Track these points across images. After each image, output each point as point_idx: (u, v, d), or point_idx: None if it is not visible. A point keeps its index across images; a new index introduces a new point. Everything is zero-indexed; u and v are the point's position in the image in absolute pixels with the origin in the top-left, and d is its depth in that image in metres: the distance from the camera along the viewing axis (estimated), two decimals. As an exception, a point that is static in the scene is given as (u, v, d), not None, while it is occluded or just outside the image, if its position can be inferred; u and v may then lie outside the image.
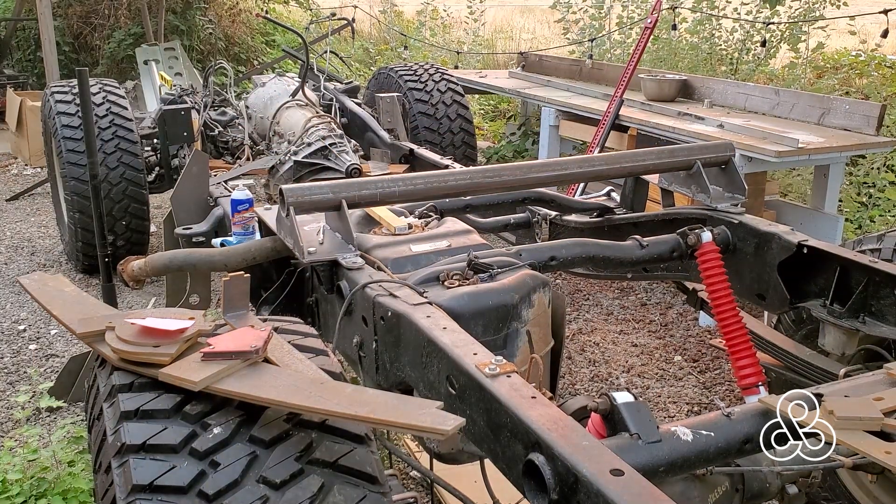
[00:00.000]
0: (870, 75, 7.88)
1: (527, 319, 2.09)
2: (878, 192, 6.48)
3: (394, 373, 2.03)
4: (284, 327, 1.79)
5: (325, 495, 1.32)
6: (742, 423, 1.63)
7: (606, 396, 1.63)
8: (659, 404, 3.92)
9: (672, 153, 2.84)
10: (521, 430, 1.46)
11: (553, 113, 6.24)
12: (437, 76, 5.93)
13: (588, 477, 1.29)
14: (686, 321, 4.83)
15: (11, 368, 4.20)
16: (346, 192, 2.35)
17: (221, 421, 1.42)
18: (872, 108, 4.76)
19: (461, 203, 3.07)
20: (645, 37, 5.91)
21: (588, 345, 4.53)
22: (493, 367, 1.60)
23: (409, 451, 3.27)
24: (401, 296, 2.00)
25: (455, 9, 12.70)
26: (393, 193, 2.45)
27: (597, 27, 9.28)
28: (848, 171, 6.45)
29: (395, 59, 10.92)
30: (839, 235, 4.78)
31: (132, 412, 1.45)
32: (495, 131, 9.37)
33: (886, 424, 1.55)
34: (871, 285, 2.33)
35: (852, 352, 2.48)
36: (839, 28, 8.66)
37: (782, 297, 2.56)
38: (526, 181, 2.67)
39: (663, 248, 2.66)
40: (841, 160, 4.83)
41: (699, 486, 1.81)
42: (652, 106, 5.66)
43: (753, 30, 8.25)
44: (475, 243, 2.43)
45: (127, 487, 1.32)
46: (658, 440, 1.54)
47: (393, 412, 1.36)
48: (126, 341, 1.58)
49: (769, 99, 5.41)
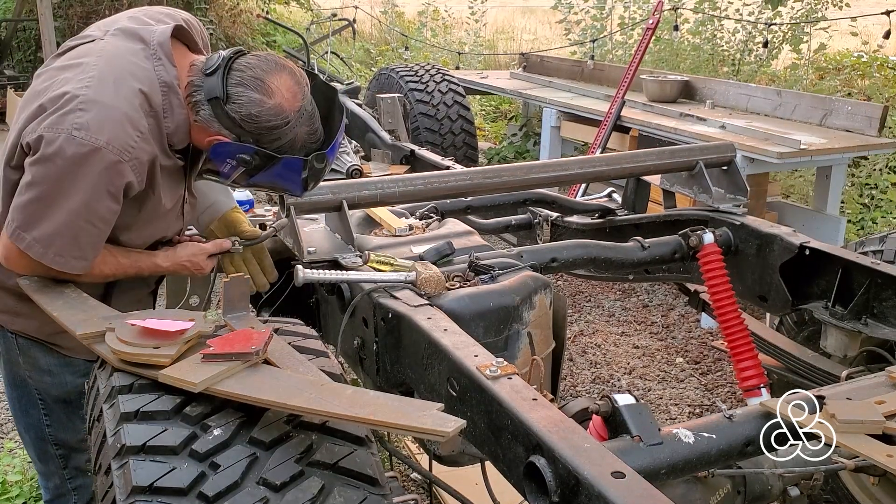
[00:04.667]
0: (872, 76, 7.88)
1: (528, 321, 2.08)
2: (880, 193, 6.47)
3: (394, 374, 2.03)
4: (285, 329, 1.79)
5: (325, 497, 1.32)
6: (744, 425, 1.63)
7: (608, 398, 1.62)
8: (660, 406, 3.92)
9: (673, 154, 2.84)
10: (522, 432, 1.46)
11: (554, 114, 6.24)
12: (439, 77, 5.93)
13: (589, 479, 1.29)
14: (688, 323, 4.83)
15: (12, 369, 4.20)
16: (346, 193, 2.35)
17: (221, 422, 1.42)
18: (874, 110, 4.76)
19: (462, 204, 3.07)
20: (646, 38, 5.91)
21: (589, 346, 4.53)
22: (494, 369, 1.60)
23: (410, 453, 3.27)
24: (401, 297, 2.00)
25: (456, 9, 12.70)
26: (393, 194, 2.44)
27: (598, 28, 9.28)
28: (850, 172, 6.44)
29: (396, 59, 10.92)
30: (841, 237, 4.77)
31: (132, 413, 1.45)
32: (496, 132, 9.37)
33: (888, 428, 1.55)
34: (873, 287, 2.32)
35: (854, 354, 2.47)
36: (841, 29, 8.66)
37: (784, 299, 2.55)
38: (527, 182, 2.67)
39: (665, 250, 2.66)
40: (843, 161, 4.83)
41: (701, 488, 1.81)
42: (653, 107, 5.66)
43: (755, 31, 8.24)
44: (476, 244, 2.43)
45: (127, 489, 1.32)
46: (659, 442, 1.54)
47: (393, 414, 1.35)
48: (126, 342, 1.58)
49: (771, 100, 5.41)
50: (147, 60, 1.89)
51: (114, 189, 1.80)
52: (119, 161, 1.77)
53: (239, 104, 1.85)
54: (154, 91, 1.86)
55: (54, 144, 1.74)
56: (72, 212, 1.78)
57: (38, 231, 1.79)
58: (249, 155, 1.89)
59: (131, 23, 1.98)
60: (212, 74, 1.87)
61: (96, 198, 1.78)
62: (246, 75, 1.86)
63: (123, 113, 1.79)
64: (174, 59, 1.91)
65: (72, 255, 1.82)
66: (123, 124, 1.78)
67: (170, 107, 1.89)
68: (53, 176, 1.76)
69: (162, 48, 1.90)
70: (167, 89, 1.89)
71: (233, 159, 1.91)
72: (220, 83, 1.85)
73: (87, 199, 1.77)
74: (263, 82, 1.87)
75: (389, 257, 2.15)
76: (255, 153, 1.89)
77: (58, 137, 1.74)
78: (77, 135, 1.73)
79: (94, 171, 1.76)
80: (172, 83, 1.89)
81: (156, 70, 1.88)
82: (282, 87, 1.88)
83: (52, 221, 1.78)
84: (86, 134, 1.74)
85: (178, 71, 1.91)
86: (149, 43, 1.91)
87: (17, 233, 1.80)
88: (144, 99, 1.84)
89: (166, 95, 1.89)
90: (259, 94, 1.86)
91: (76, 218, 1.78)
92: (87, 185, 1.76)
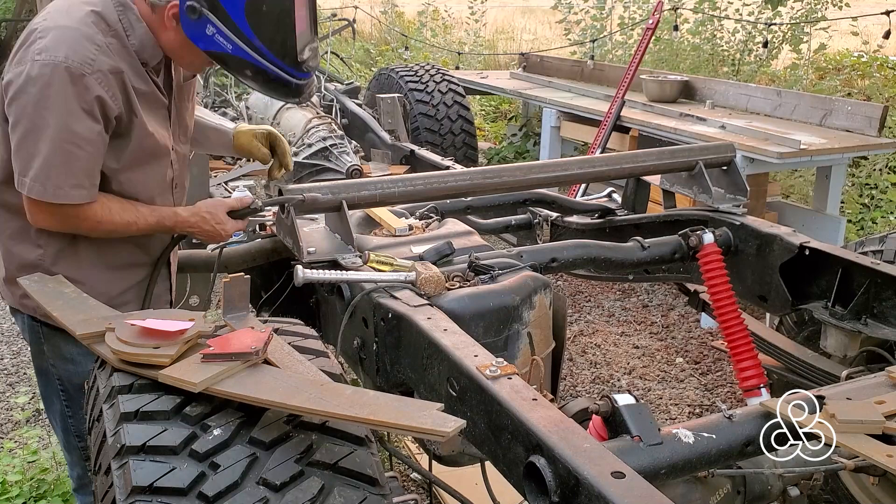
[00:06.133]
0: (872, 76, 7.88)
1: (528, 321, 2.08)
2: (880, 193, 6.48)
3: (394, 374, 2.03)
4: (284, 328, 1.79)
5: (325, 497, 1.32)
6: (743, 425, 1.63)
7: (608, 398, 1.62)
8: (660, 406, 3.92)
9: (673, 154, 2.84)
10: (521, 432, 1.46)
11: (554, 114, 6.24)
12: (439, 77, 5.93)
13: (589, 479, 1.29)
14: (688, 323, 4.83)
15: (11, 369, 4.21)
16: (346, 193, 2.35)
17: (221, 422, 1.42)
18: (874, 110, 4.76)
19: (462, 204, 3.07)
20: (646, 38, 5.91)
21: (589, 346, 4.53)
22: (493, 369, 1.60)
23: (410, 453, 3.27)
24: (401, 297, 2.00)
25: (456, 9, 12.70)
26: (393, 194, 2.44)
27: (598, 28, 9.28)
28: (850, 172, 6.45)
29: (395, 59, 10.92)
30: (841, 237, 4.77)
31: (132, 413, 1.45)
32: (496, 132, 9.37)
33: (888, 428, 1.55)
34: (873, 287, 2.32)
35: (854, 354, 2.47)
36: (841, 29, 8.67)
37: (784, 299, 2.55)
38: (527, 182, 2.67)
39: (665, 250, 2.66)
40: (843, 161, 4.83)
41: (701, 488, 1.81)
42: (653, 107, 5.66)
43: (755, 31, 8.25)
44: (476, 244, 2.43)
45: (127, 489, 1.31)
46: (659, 442, 1.54)
47: (393, 414, 1.35)
48: (126, 342, 1.58)
49: (771, 100, 5.41)
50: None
51: (86, 105, 1.89)
52: (81, 74, 1.87)
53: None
54: (108, 10, 1.97)
55: (22, 74, 1.87)
56: (54, 138, 1.88)
57: (33, 170, 1.90)
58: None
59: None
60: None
61: (72, 118, 1.88)
62: None
63: (77, 30, 1.90)
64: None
65: (68, 183, 1.91)
66: (79, 40, 1.89)
67: (129, 23, 1.99)
68: (28, 106, 1.87)
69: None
70: (122, 7, 1.99)
71: (195, 15, 1.93)
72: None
73: (64, 120, 1.87)
74: None
75: (389, 257, 2.15)
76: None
77: (24, 68, 1.87)
78: (38, 58, 1.86)
79: (61, 90, 1.86)
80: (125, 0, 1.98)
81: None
82: None
83: (40, 155, 1.89)
84: (45, 55, 1.86)
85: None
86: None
87: (20, 181, 1.93)
88: (99, 17, 1.95)
89: (122, 13, 1.99)
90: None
91: (60, 143, 1.88)
92: (59, 105, 1.87)
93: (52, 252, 2.06)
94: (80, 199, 1.94)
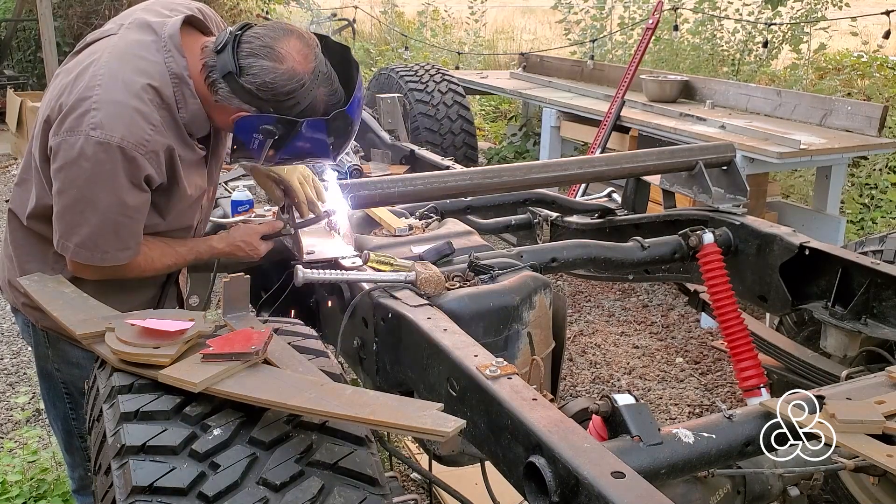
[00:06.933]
0: (872, 76, 7.88)
1: (528, 321, 2.08)
2: (880, 193, 6.48)
3: (394, 374, 2.03)
4: (284, 328, 1.79)
5: (325, 497, 1.32)
6: (743, 425, 1.63)
7: (607, 398, 1.62)
8: (660, 406, 3.92)
9: (673, 154, 2.84)
10: (521, 432, 1.46)
11: (554, 114, 6.24)
12: (438, 77, 5.93)
13: (589, 479, 1.29)
14: (687, 323, 4.83)
15: (11, 369, 4.20)
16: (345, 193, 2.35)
17: (221, 422, 1.42)
18: (874, 110, 4.76)
19: (462, 204, 3.07)
20: (646, 38, 5.91)
21: (589, 346, 4.53)
22: (493, 369, 1.60)
23: (410, 453, 3.27)
24: (401, 297, 2.00)
25: (456, 9, 12.70)
26: (393, 194, 2.44)
27: (598, 28, 9.28)
28: (850, 172, 6.45)
29: (395, 59, 10.92)
30: (841, 237, 4.77)
31: (132, 413, 1.45)
32: (496, 132, 9.37)
33: (888, 427, 1.55)
34: (872, 287, 2.32)
35: (854, 354, 2.47)
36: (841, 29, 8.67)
37: (784, 299, 2.55)
38: (527, 182, 2.67)
39: (665, 250, 2.66)
40: (843, 161, 4.83)
41: (701, 488, 1.81)
42: (653, 107, 5.66)
43: (755, 31, 8.25)
44: (476, 244, 2.43)
45: (127, 489, 1.32)
46: (659, 442, 1.54)
47: (393, 414, 1.35)
48: (126, 342, 1.58)
49: (771, 100, 5.41)
50: (157, 53, 1.92)
51: (136, 181, 1.87)
52: (135, 156, 1.83)
53: (253, 75, 1.87)
54: (165, 84, 1.90)
55: (75, 147, 1.82)
56: (104, 211, 1.86)
57: (79, 237, 1.88)
58: (272, 124, 1.91)
59: (146, 14, 2.02)
60: (222, 51, 1.89)
61: (123, 192, 1.86)
62: (255, 45, 1.88)
63: (134, 108, 1.84)
64: (185, 51, 1.94)
65: (116, 248, 1.91)
66: (136, 119, 1.84)
67: (182, 97, 1.93)
68: (79, 179, 1.83)
69: (172, 40, 1.93)
70: (178, 80, 1.92)
71: (257, 133, 1.92)
72: (232, 57, 1.87)
73: (115, 196, 1.85)
74: (273, 49, 1.88)
75: (389, 257, 2.15)
76: (276, 122, 1.90)
77: (77, 140, 1.82)
78: (94, 134, 1.81)
79: (115, 168, 1.83)
80: (182, 74, 1.92)
81: (166, 62, 1.91)
82: (292, 50, 1.89)
83: (88, 225, 1.87)
84: (101, 133, 1.81)
85: (189, 60, 1.93)
86: (160, 35, 1.94)
87: (61, 243, 1.91)
88: (155, 93, 1.89)
89: (178, 87, 1.93)
90: (271, 62, 1.87)
91: (109, 216, 1.87)
92: (111, 182, 1.84)
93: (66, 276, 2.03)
94: (126, 260, 1.95)
